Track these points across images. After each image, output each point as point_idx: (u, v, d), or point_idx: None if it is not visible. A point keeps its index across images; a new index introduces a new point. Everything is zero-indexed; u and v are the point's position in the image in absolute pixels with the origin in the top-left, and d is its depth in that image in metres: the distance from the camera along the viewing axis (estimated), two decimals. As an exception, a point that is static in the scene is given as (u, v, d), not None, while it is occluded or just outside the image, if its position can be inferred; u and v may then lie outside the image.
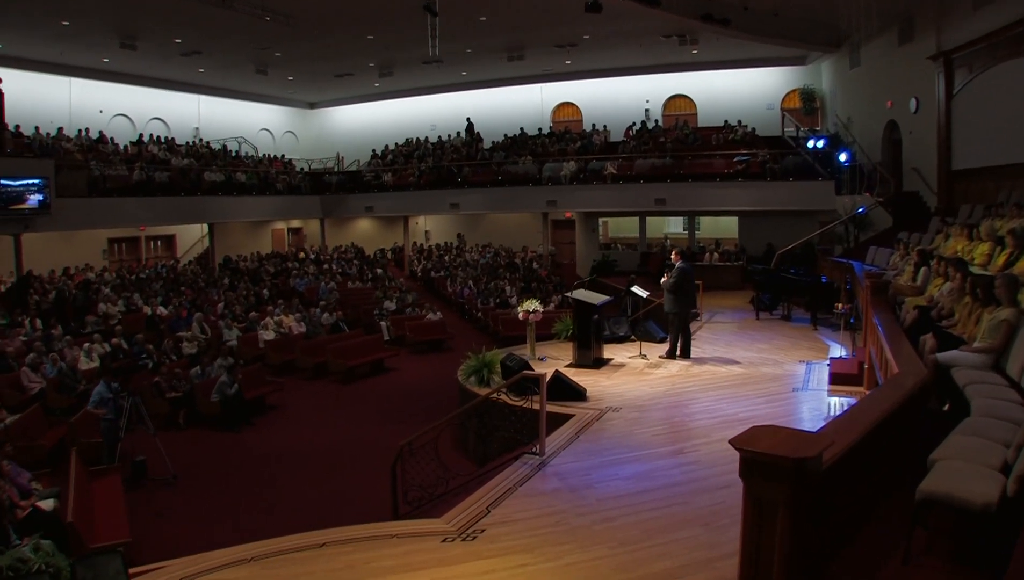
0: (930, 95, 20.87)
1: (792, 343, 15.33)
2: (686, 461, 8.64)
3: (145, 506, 11.24)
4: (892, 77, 23.43)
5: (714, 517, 6.94)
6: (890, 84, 23.60)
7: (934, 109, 20.62)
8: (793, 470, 3.70)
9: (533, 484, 8.15)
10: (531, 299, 15.31)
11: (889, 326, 9.00)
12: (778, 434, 4.04)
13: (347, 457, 13.14)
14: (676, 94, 33.10)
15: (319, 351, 19.18)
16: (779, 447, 3.78)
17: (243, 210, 30.56)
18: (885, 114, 24.17)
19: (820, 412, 10.49)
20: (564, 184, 28.69)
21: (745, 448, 3.85)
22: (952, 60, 19.86)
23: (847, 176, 24.60)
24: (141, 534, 10.18)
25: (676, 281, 13.99)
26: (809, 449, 3.79)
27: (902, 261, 14.90)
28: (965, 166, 19.56)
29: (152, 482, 12.04)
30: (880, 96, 24.33)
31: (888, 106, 23.84)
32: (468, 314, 25.47)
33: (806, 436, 4.17)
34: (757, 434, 4.02)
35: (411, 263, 32.64)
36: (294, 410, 16.58)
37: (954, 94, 19.97)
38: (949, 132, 20.13)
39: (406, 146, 36.17)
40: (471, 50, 28.69)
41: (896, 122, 23.61)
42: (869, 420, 5.05)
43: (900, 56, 22.75)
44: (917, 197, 22.14)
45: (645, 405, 11.12)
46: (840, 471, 4.40)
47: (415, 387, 17.76)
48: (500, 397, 9.64)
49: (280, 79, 33.23)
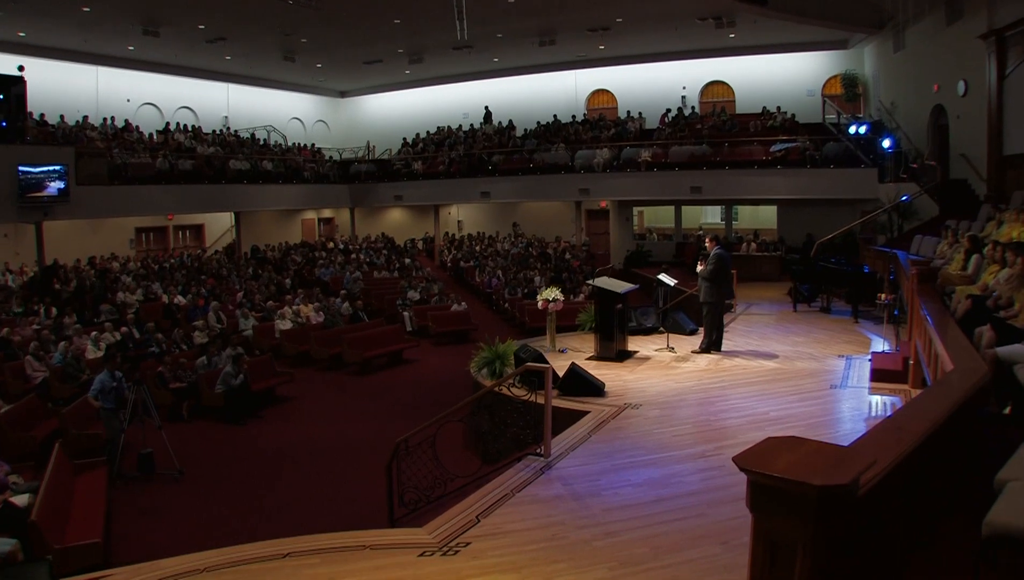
0: (980, 77, 19.71)
1: (831, 336, 14.23)
2: (708, 466, 7.67)
3: (135, 502, 10.52)
4: (939, 59, 22.20)
5: (734, 533, 5.98)
6: (936, 67, 22.37)
7: (984, 91, 19.46)
8: (818, 501, 2.71)
9: (533, 490, 7.23)
10: (551, 287, 14.30)
11: (939, 316, 7.95)
12: (799, 448, 3.03)
13: (354, 453, 12.25)
14: (713, 80, 31.84)
15: (335, 342, 18.34)
16: (800, 469, 2.78)
17: (269, 198, 29.87)
18: (931, 99, 22.91)
19: (860, 412, 9.45)
20: (597, 172, 27.64)
21: (754, 469, 2.85)
22: (1005, 39, 18.68)
23: (891, 163, 23.36)
24: (124, 532, 9.53)
25: (715, 268, 12.95)
26: (841, 472, 2.78)
27: (950, 249, 13.83)
28: (1018, 151, 18.37)
29: (159, 476, 11.31)
30: (926, 80, 23.07)
31: (935, 90, 22.59)
32: (495, 305, 24.55)
33: (837, 452, 3.11)
34: (771, 449, 3.02)
35: (441, 253, 31.76)
36: (305, 403, 15.75)
37: (1006, 75, 18.75)
38: (1000, 115, 18.97)
39: (437, 134, 35.25)
40: (501, 35, 27.73)
41: (943, 107, 22.38)
42: (920, 430, 3.93)
43: (947, 37, 21.55)
44: (965, 184, 20.95)
45: (668, 402, 10.14)
46: (880, 498, 3.36)
47: (434, 380, 16.86)
48: (503, 390, 8.67)
49: (309, 67, 32.47)
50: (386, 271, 28.05)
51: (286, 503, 10.43)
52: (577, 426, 9.08)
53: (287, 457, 12.37)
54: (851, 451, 3.23)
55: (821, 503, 2.71)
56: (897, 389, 10.24)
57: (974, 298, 8.77)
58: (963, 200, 20.12)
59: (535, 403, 8.15)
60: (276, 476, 11.54)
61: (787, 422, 9.07)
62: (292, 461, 12.17)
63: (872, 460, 3.01)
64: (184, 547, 6.77)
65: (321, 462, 12.07)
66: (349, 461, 11.94)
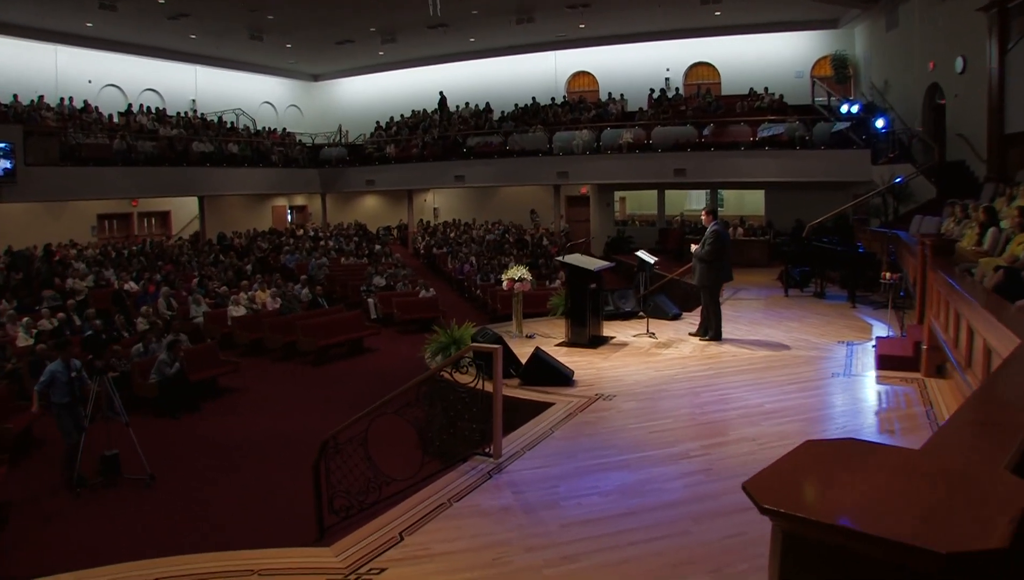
0: (979, 52, 18.43)
1: (827, 322, 12.79)
2: (692, 469, 6.23)
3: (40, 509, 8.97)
4: (935, 36, 20.88)
5: (727, 558, 4.63)
6: (932, 44, 21.05)
7: (984, 68, 18.18)
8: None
9: (475, 499, 5.78)
10: (518, 266, 12.80)
11: (974, 289, 6.51)
12: (870, 465, 1.53)
13: (294, 451, 10.61)
14: (698, 62, 30.32)
15: (290, 329, 16.78)
16: (896, 516, 1.28)
17: (235, 183, 28.24)
18: (926, 78, 21.61)
19: (868, 403, 8.04)
20: (576, 153, 26.17)
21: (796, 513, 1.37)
22: (1007, 10, 17.36)
23: (884, 145, 21.99)
24: (14, 543, 7.98)
25: (712, 247, 11.32)
26: (982, 522, 1.28)
27: (959, 225, 12.48)
28: (1020, 129, 17.06)
29: (126, 481, 9.61)
30: (921, 58, 21.74)
31: (930, 68, 21.28)
32: (467, 292, 23.08)
33: (950, 475, 1.59)
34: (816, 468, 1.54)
35: (415, 240, 30.23)
36: (250, 395, 14.16)
37: (1008, 49, 17.44)
38: (1002, 92, 17.69)
39: (412, 118, 33.64)
40: (477, 11, 26.14)
41: (939, 85, 21.08)
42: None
43: (944, 12, 20.26)
44: (962, 166, 19.67)
45: (647, 393, 8.67)
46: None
47: (394, 370, 15.25)
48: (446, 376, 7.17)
49: (278, 47, 30.71)
50: (354, 257, 26.51)
51: (209, 508, 8.91)
52: (537, 421, 7.62)
53: (221, 454, 10.83)
54: (980, 473, 1.71)
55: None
56: (908, 377, 8.84)
57: (1007, 270, 7.34)
58: (961, 181, 18.90)
59: (485, 392, 6.68)
60: (204, 475, 10.01)
61: (786, 416, 7.65)
62: (226, 459, 10.63)
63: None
64: (62, 564, 5.53)
65: (257, 461, 10.54)
66: (288, 460, 10.37)
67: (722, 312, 11.85)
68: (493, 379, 6.46)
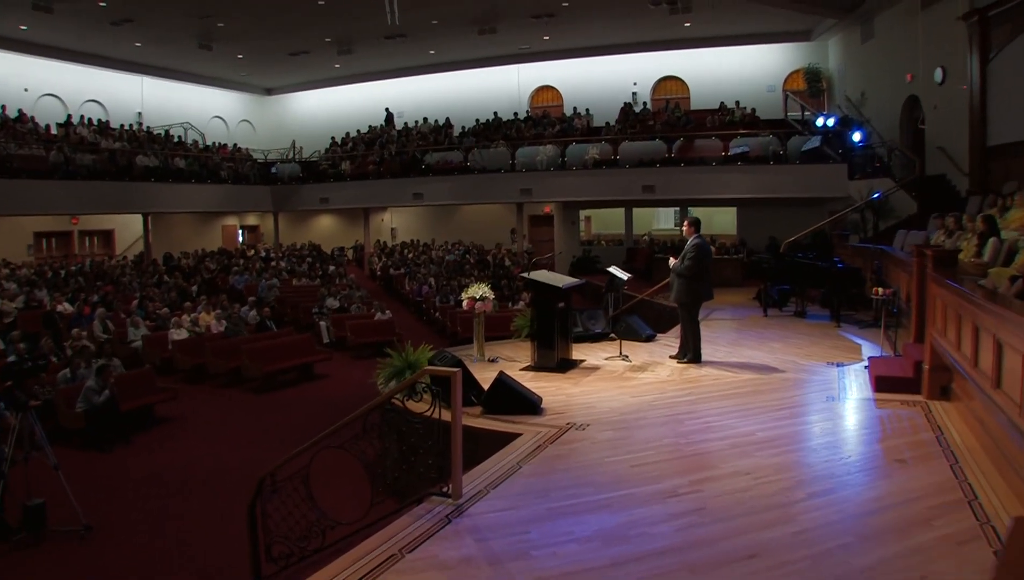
0: (960, 62, 18.21)
1: (812, 342, 12.17)
2: (683, 509, 5.50)
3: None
4: (913, 46, 20.64)
5: None
6: (910, 55, 20.79)
7: (965, 78, 17.95)
8: None
9: (431, 549, 5.00)
10: (479, 284, 12.03)
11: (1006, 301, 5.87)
12: None
13: (232, 487, 9.74)
14: (666, 76, 29.93)
15: (234, 353, 15.88)
16: None
17: (181, 200, 27.13)
18: (904, 90, 21.33)
19: (871, 431, 7.36)
20: (540, 170, 25.53)
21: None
22: (988, 19, 17.13)
23: (861, 159, 21.60)
24: None
25: (695, 262, 10.54)
26: None
27: (951, 238, 11.91)
28: (1004, 141, 16.75)
29: (54, 534, 8.41)
30: (898, 70, 21.47)
31: (908, 80, 21.00)
32: (425, 314, 22.30)
33: None
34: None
35: (371, 261, 29.36)
36: (189, 425, 13.24)
37: (990, 59, 17.16)
38: (984, 103, 17.44)
39: (369, 133, 32.84)
40: (437, 21, 25.51)
41: (917, 97, 20.79)
42: None
43: (922, 21, 20.04)
44: (943, 180, 19.36)
45: (624, 421, 7.94)
46: None
47: (346, 398, 14.40)
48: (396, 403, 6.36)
49: (229, 58, 29.82)
50: (307, 278, 25.61)
51: (140, 558, 8.02)
52: (502, 454, 6.85)
53: (153, 494, 9.91)
54: None
55: None
56: (909, 400, 8.23)
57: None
58: (943, 195, 18.61)
59: (442, 422, 5.89)
60: (129, 516, 9.11)
61: (780, 445, 6.96)
62: (158, 499, 9.71)
63: None
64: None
65: (194, 500, 9.65)
66: (228, 498, 9.50)
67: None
68: (451, 407, 5.69)
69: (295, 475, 6.31)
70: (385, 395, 6.38)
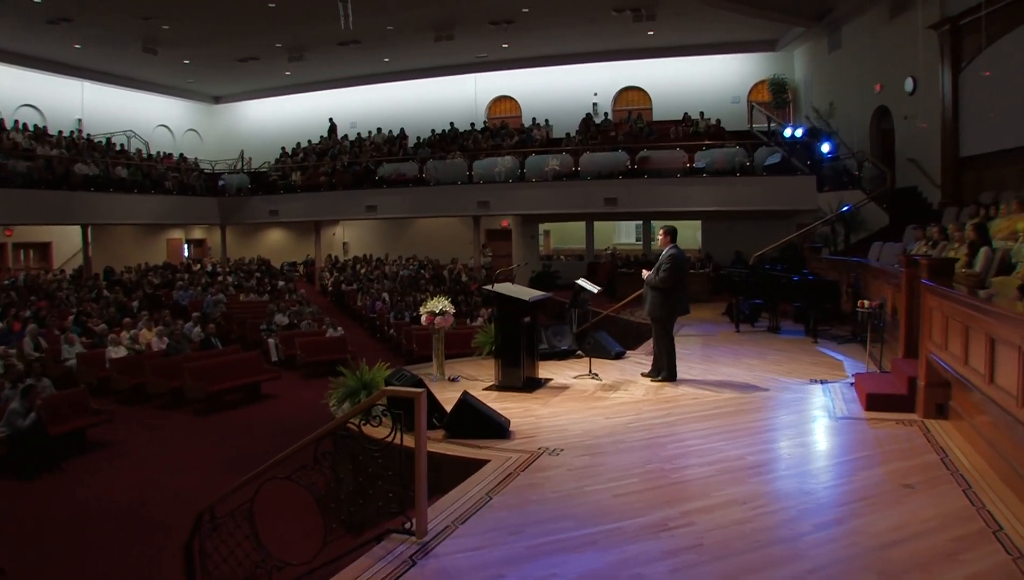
0: (931, 72, 18.16)
1: (790, 358, 11.72)
2: (676, 545, 4.95)
3: None
4: (882, 56, 20.59)
5: None
6: (879, 64, 20.74)
7: (936, 88, 17.86)
8: None
9: (393, 598, 4.39)
10: (438, 297, 11.42)
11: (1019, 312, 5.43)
12: None
13: (170, 522, 9.01)
14: (628, 86, 29.71)
15: (176, 372, 15.07)
16: None
17: (123, 211, 26.17)
18: (872, 100, 21.22)
19: (870, 452, 6.89)
20: (499, 182, 25.03)
21: None
22: (960, 28, 17.04)
23: (830, 171, 21.39)
24: None
25: (671, 273, 10.00)
26: None
27: (935, 249, 11.58)
28: (976, 152, 16.65)
29: None
30: (866, 80, 21.41)
31: (876, 90, 20.89)
32: (379, 331, 21.64)
33: None
34: None
35: (322, 277, 28.61)
36: (126, 450, 12.40)
37: (962, 68, 17.04)
38: (956, 113, 17.36)
39: (320, 144, 32.11)
40: (392, 27, 24.96)
41: (887, 108, 20.68)
42: None
43: (892, 30, 20.01)
44: (914, 192, 19.25)
45: (599, 445, 7.37)
46: None
47: (296, 420, 13.72)
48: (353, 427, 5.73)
49: (174, 63, 28.95)
50: (255, 294, 24.81)
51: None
52: (469, 483, 6.24)
53: (83, 528, 9.13)
54: None
55: None
56: (904, 419, 7.79)
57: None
58: (914, 207, 18.47)
59: (405, 448, 5.28)
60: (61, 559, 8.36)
61: (775, 470, 6.46)
62: (88, 535, 8.94)
63: None
64: None
65: (122, 534, 8.88)
66: (161, 533, 8.78)
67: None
68: (415, 432, 5.09)
69: (238, 509, 5.68)
70: (339, 419, 5.75)
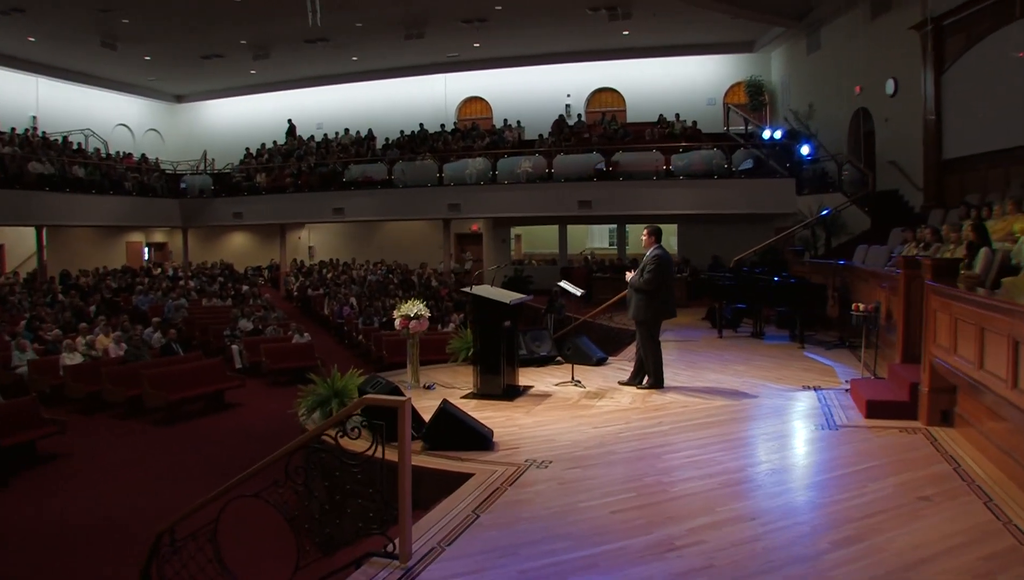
0: (913, 73, 18.00)
1: (779, 364, 11.40)
2: (684, 566, 4.57)
3: None
4: (862, 57, 20.46)
5: None
6: (860, 66, 20.60)
7: (918, 89, 17.73)
8: None
9: (376, 632, 3.96)
10: (413, 301, 10.97)
11: None
12: None
13: (126, 544, 8.44)
14: (602, 87, 29.45)
15: (135, 380, 14.49)
16: None
17: (81, 212, 25.47)
18: (853, 102, 21.06)
19: (878, 462, 6.53)
20: (470, 184, 24.63)
21: None
22: (943, 28, 16.87)
23: (809, 174, 21.21)
24: None
25: (656, 275, 9.62)
26: None
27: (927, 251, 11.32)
28: (960, 154, 16.47)
29: None
30: (846, 82, 21.26)
31: (856, 92, 20.73)
32: (347, 337, 21.15)
33: None
34: None
35: (287, 282, 28.05)
36: (80, 463, 11.80)
37: (945, 70, 16.89)
38: (939, 116, 17.18)
39: (286, 145, 31.54)
40: (361, 24, 24.49)
41: (867, 110, 20.51)
42: None
43: (873, 31, 19.88)
44: (895, 195, 19.07)
45: (589, 456, 6.97)
46: None
47: (262, 430, 13.22)
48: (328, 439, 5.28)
49: (135, 59, 28.23)
50: (218, 299, 24.21)
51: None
52: (454, 499, 5.82)
53: (29, 550, 8.59)
54: None
55: None
56: (907, 427, 7.51)
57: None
58: (896, 211, 18.30)
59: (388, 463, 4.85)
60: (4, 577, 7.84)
61: (780, 483, 6.09)
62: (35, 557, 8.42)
63: None
64: None
65: (74, 558, 8.30)
66: (116, 556, 8.24)
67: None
68: (399, 445, 4.66)
69: (200, 531, 5.23)
70: (313, 431, 5.31)
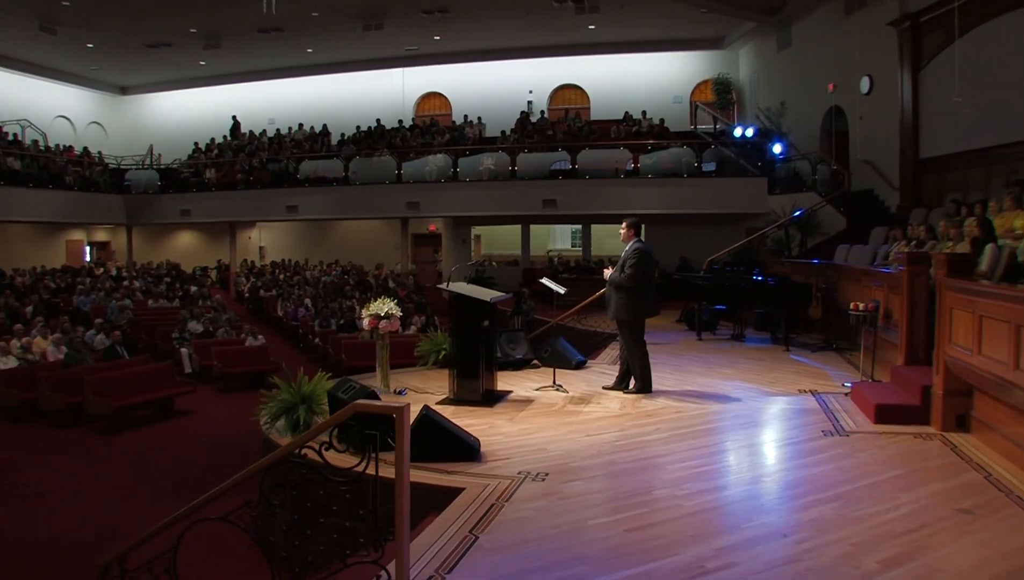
0: (889, 70, 17.86)
1: (768, 368, 10.97)
2: (726, 595, 4.04)
3: None
4: (835, 54, 20.25)
5: None
6: (833, 63, 20.41)
7: (895, 87, 17.59)
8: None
9: None
10: (384, 298, 10.37)
11: None
12: None
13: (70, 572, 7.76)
14: (565, 84, 29.02)
15: (76, 386, 13.66)
16: None
17: (17, 207, 24.29)
18: (825, 100, 20.79)
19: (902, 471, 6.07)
20: (430, 181, 24.05)
21: None
22: (920, 24, 16.73)
23: (782, 173, 20.94)
24: None
25: (637, 269, 9.08)
26: None
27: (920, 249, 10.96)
28: (938, 153, 16.30)
29: None
30: (818, 79, 21.04)
31: (829, 90, 20.47)
32: (302, 341, 20.48)
33: None
34: None
35: (237, 282, 27.22)
36: (12, 479, 10.95)
37: (922, 66, 16.72)
38: (916, 113, 17.03)
39: (236, 140, 30.68)
40: (318, 13, 23.76)
41: (840, 108, 20.29)
42: None
43: (847, 27, 19.68)
44: (871, 195, 18.89)
45: (589, 467, 6.43)
46: None
47: (216, 439, 12.53)
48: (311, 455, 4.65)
49: (76, 46, 26.99)
50: (165, 300, 23.34)
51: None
52: (447, 518, 5.23)
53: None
54: None
55: None
56: (921, 433, 7.12)
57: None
58: (871, 211, 18.15)
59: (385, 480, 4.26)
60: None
61: (807, 495, 5.60)
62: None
63: None
64: None
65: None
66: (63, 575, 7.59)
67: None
68: (396, 460, 4.08)
69: (157, 560, 4.60)
70: (291, 444, 4.68)
